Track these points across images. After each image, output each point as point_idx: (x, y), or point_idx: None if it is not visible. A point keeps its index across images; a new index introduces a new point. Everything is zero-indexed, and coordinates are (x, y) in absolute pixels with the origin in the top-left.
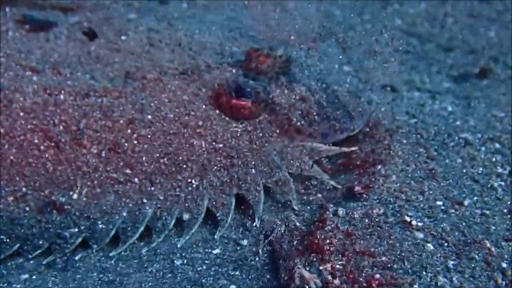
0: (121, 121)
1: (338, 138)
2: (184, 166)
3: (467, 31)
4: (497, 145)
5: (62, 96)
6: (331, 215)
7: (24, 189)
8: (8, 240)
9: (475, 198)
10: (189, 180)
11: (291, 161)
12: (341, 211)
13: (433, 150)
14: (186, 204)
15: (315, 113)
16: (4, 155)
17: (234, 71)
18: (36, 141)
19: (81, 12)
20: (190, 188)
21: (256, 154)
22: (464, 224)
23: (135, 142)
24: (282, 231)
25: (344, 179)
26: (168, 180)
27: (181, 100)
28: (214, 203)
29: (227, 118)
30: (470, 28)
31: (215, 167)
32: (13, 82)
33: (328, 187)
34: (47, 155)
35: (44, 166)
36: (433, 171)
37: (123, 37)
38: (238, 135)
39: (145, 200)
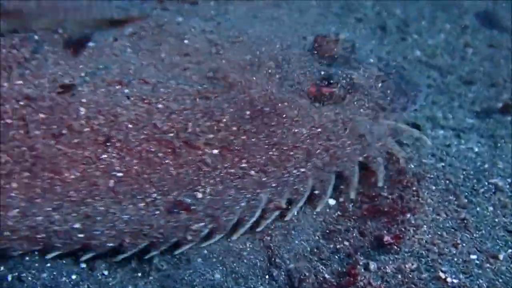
0: (224, 120)
1: (400, 116)
2: (291, 153)
3: (487, 62)
4: None
5: (160, 104)
6: (362, 270)
7: (154, 195)
8: (133, 240)
9: (510, 250)
10: (297, 166)
11: (378, 139)
12: (372, 265)
13: (464, 197)
14: (294, 187)
15: (390, 91)
16: (128, 167)
17: (310, 59)
18: (153, 149)
19: (132, 22)
20: (297, 172)
21: (349, 134)
22: (501, 280)
23: (243, 137)
24: (311, 284)
25: (371, 226)
26: (279, 168)
27: (272, 93)
28: (317, 182)
29: (317, 105)
30: (491, 59)
31: (317, 150)
32: (108, 98)
33: (354, 234)
34: (167, 161)
35: (168, 171)
36: (465, 221)
37: (185, 41)
38: (332, 119)
39: (259, 190)
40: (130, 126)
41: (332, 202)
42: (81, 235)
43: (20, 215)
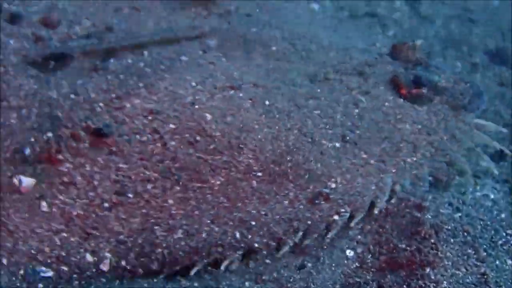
0: (338, 117)
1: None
2: (401, 145)
3: (498, 101)
4: None
5: (278, 105)
6: None
7: (293, 190)
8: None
9: None
10: (408, 156)
11: (467, 134)
12: None
13: (482, 250)
14: (413, 172)
15: (467, 93)
16: (265, 167)
17: (393, 64)
18: (283, 147)
19: (215, 35)
20: (410, 161)
21: (443, 130)
22: None
23: (358, 132)
24: None
25: (390, 279)
26: (395, 158)
27: (370, 94)
28: (432, 169)
29: (410, 104)
30: (501, 97)
31: (423, 143)
32: (227, 102)
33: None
34: (298, 157)
35: (300, 166)
36: (485, 276)
37: (273, 48)
38: (427, 117)
39: (383, 175)
40: (256, 126)
41: (350, 253)
42: (240, 243)
43: (184, 234)
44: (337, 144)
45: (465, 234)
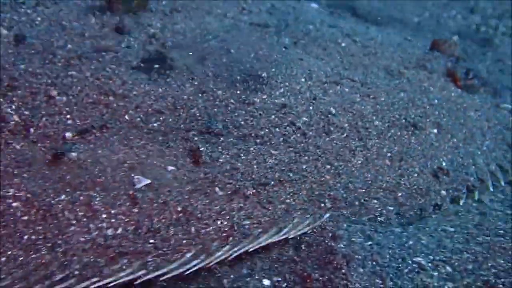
0: (427, 106)
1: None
2: (474, 131)
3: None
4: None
5: (382, 98)
6: None
7: (417, 166)
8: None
9: None
10: (482, 140)
11: (505, 118)
12: None
13: (389, 280)
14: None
15: (498, 81)
16: (391, 148)
17: (443, 58)
18: (399, 133)
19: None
20: (485, 145)
21: (493, 116)
22: None
23: (445, 120)
24: None
25: None
26: (475, 142)
27: (438, 86)
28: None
29: (467, 94)
30: None
31: (485, 128)
32: (340, 96)
33: None
34: (411, 140)
35: (409, 146)
36: None
37: (343, 44)
38: (481, 104)
39: (475, 157)
40: (373, 117)
41: (266, 282)
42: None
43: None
44: (435, 131)
45: (374, 263)
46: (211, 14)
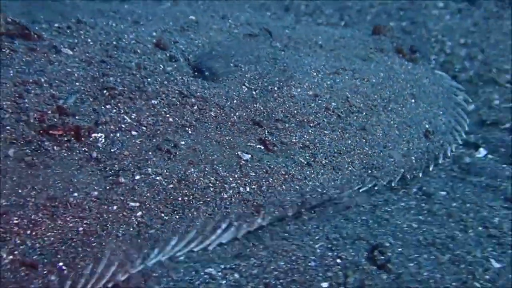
0: (400, 80)
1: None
2: (431, 95)
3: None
4: None
5: (374, 78)
6: None
7: (411, 130)
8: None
9: None
10: (439, 101)
11: (443, 79)
12: None
13: None
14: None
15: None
16: (391, 120)
17: (386, 40)
18: (396, 106)
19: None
20: (443, 104)
21: (436, 80)
22: None
23: (415, 90)
24: None
25: None
26: (437, 104)
27: (395, 62)
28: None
29: (414, 65)
30: None
31: (438, 91)
32: (345, 83)
33: None
34: (404, 111)
35: (404, 116)
36: None
37: (319, 42)
38: (426, 72)
39: (442, 118)
40: (375, 96)
41: None
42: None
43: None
44: (412, 100)
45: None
46: (212, 30)
